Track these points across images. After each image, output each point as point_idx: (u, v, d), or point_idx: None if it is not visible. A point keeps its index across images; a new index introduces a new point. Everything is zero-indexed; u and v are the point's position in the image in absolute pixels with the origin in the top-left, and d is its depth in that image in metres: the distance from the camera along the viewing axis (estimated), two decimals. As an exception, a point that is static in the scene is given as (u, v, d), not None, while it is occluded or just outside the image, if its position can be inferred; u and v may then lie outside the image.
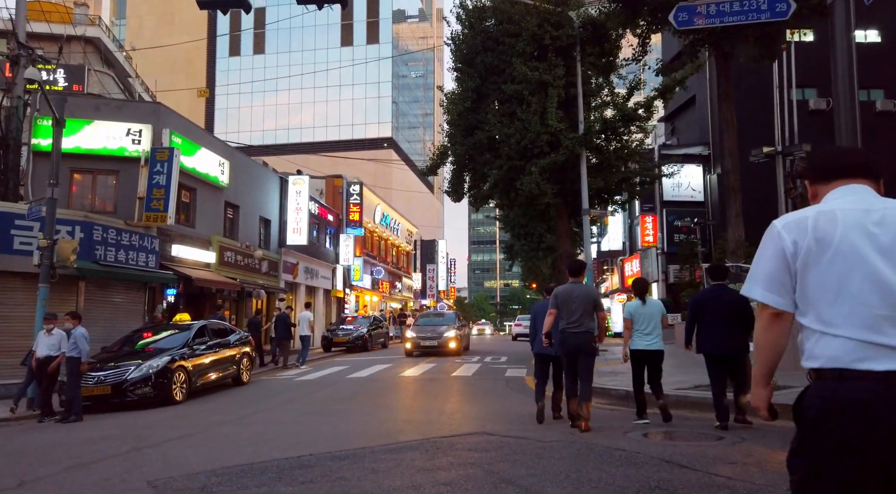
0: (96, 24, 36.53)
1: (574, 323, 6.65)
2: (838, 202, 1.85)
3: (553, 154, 16.56)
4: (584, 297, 6.74)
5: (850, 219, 1.79)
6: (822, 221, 1.80)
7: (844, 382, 1.68)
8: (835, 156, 2.00)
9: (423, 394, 10.74)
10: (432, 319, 21.71)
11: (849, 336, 1.70)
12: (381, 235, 38.74)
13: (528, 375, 13.48)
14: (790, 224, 1.85)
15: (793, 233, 1.83)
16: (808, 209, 1.89)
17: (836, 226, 1.78)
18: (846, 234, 1.76)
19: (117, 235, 14.12)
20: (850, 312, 1.72)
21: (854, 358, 1.68)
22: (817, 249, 1.78)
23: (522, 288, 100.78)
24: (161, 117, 16.12)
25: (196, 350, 11.38)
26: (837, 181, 1.91)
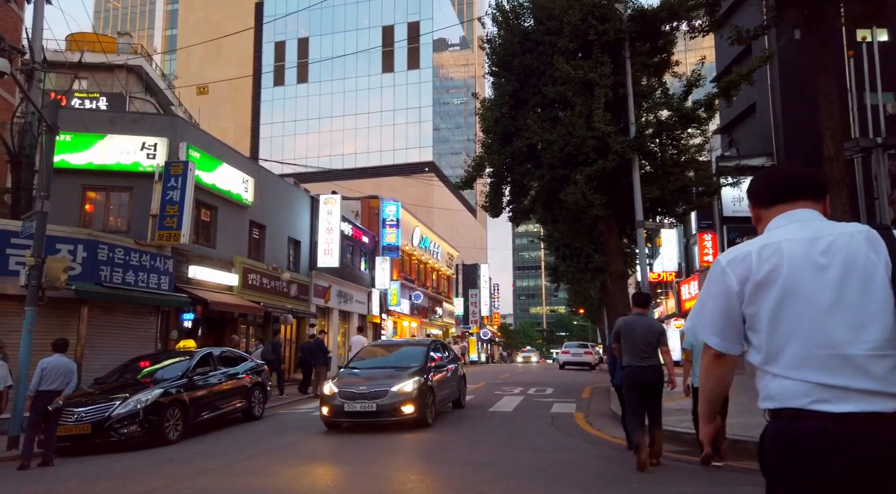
0: (138, 53, 36.95)
1: (640, 356, 6.40)
2: (782, 232, 1.75)
3: (601, 161, 14.84)
4: (648, 330, 6.51)
5: (795, 251, 1.69)
6: (767, 256, 1.71)
7: (799, 421, 1.62)
8: (776, 177, 1.88)
9: (455, 434, 9.05)
10: (378, 359, 11.27)
11: (802, 378, 1.63)
12: (420, 258, 37.37)
13: (578, 411, 11.62)
14: (735, 260, 1.76)
15: (738, 270, 1.74)
16: (751, 242, 1.77)
17: (782, 260, 1.69)
18: (793, 270, 1.67)
19: (125, 255, 13.06)
20: (803, 354, 1.64)
21: (809, 400, 1.62)
22: (764, 287, 1.69)
23: (569, 314, 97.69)
24: (178, 130, 15.20)
25: (197, 381, 10.02)
26: (781, 205, 1.82)
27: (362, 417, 9.46)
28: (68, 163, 14.21)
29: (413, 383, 9.58)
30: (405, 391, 9.44)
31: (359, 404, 9.40)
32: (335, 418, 9.64)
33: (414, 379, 9.65)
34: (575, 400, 13.70)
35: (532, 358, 53.46)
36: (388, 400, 9.31)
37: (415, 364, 10.30)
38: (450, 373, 11.43)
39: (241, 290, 17.62)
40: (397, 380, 9.59)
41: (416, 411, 9.39)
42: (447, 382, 11.13)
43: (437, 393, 10.29)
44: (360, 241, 28.08)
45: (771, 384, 1.69)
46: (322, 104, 74.41)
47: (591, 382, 19.17)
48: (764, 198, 1.86)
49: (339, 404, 9.47)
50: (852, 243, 1.66)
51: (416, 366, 10.18)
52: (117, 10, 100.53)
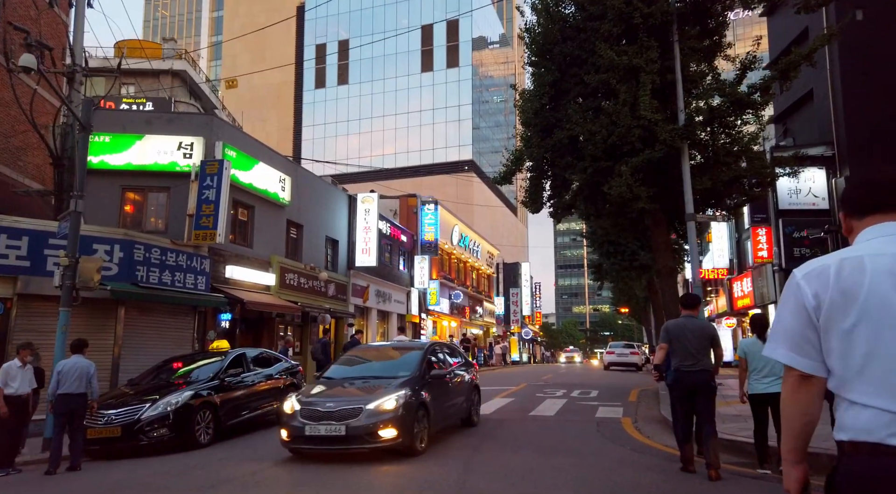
0: (182, 57, 37.63)
1: (690, 361, 6.21)
2: (867, 245, 1.62)
3: (647, 151, 14.05)
4: (699, 333, 6.31)
5: (880, 266, 1.55)
6: (847, 270, 1.58)
7: (878, 458, 1.47)
8: (868, 185, 1.72)
9: (491, 442, 8.54)
10: (362, 366, 9.26)
11: (881, 407, 1.49)
12: (460, 257, 36.90)
13: (626, 416, 10.95)
14: (811, 273, 1.64)
15: (814, 284, 1.62)
16: (832, 255, 1.64)
17: (864, 275, 1.55)
18: (875, 286, 1.53)
19: (162, 255, 13.00)
20: (883, 379, 1.50)
21: (889, 433, 1.47)
22: (842, 304, 1.57)
23: (613, 313, 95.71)
24: (214, 129, 15.13)
25: (229, 383, 9.78)
26: (872, 216, 1.68)
27: (327, 443, 7.14)
28: (107, 163, 14.29)
29: (396, 398, 7.33)
30: (385, 409, 7.18)
31: (324, 426, 7.07)
32: (295, 444, 7.35)
33: (399, 394, 7.42)
34: (622, 403, 13.00)
35: (575, 357, 52.40)
36: (361, 422, 7.04)
37: (405, 373, 8.14)
38: (456, 384, 9.32)
39: (279, 290, 17.49)
40: (376, 395, 7.41)
41: (399, 435, 7.14)
42: (451, 395, 9.01)
43: (436, 411, 8.11)
44: (399, 240, 27.79)
45: (847, 413, 1.57)
46: (362, 105, 74.90)
47: (637, 384, 18.34)
48: (856, 206, 1.73)
49: (299, 426, 7.20)
50: None
51: (405, 376, 8.01)
52: (165, 18, 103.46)
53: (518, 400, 13.72)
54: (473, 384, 10.22)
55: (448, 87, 72.78)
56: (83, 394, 7.69)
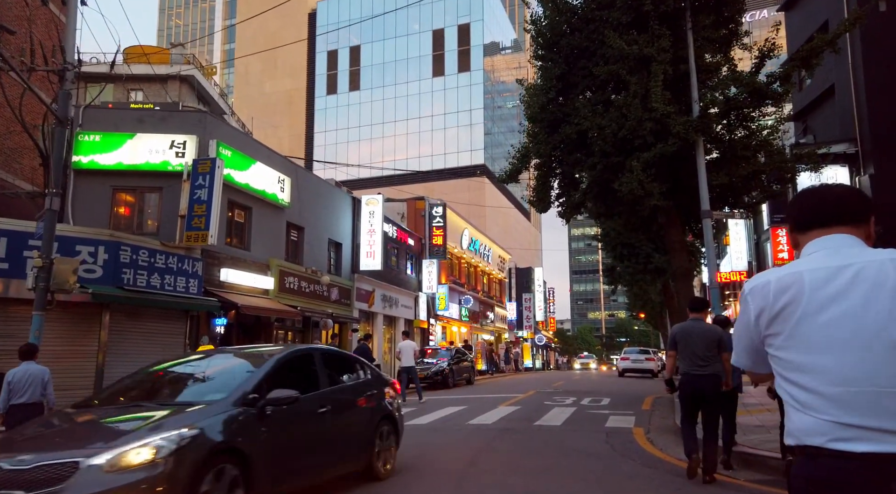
0: (190, 62, 37.46)
1: (697, 364, 6.07)
2: (808, 259, 1.66)
3: (660, 145, 13.31)
4: (706, 336, 6.14)
5: (817, 281, 1.59)
6: (785, 286, 1.62)
7: (820, 460, 1.54)
8: (811, 200, 1.76)
9: (489, 455, 7.83)
10: (158, 384, 5.66)
11: (821, 415, 1.55)
12: (470, 261, 36.20)
13: (638, 426, 10.19)
14: (755, 289, 1.70)
15: (757, 299, 1.67)
16: (774, 270, 1.69)
17: (802, 292, 1.60)
18: (811, 301, 1.58)
19: (150, 257, 12.48)
20: (821, 390, 1.55)
21: (829, 439, 1.53)
22: (780, 321, 1.62)
23: (629, 319, 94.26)
24: (208, 127, 14.63)
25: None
26: (816, 230, 1.71)
27: None
28: (97, 163, 13.84)
29: (156, 444, 3.93)
30: (120, 466, 3.82)
31: None
32: None
33: (164, 436, 3.99)
34: (634, 412, 12.21)
35: (591, 364, 51.30)
36: (78, 490, 3.74)
37: (217, 396, 4.69)
38: (337, 416, 5.79)
39: (278, 294, 16.93)
40: (121, 439, 4.02)
41: None
42: (321, 435, 5.53)
43: (273, 464, 4.77)
44: (406, 244, 27.18)
45: (792, 418, 1.62)
46: (374, 111, 74.77)
47: (652, 391, 17.49)
48: (799, 221, 1.76)
49: None
50: (881, 272, 1.55)
51: (208, 404, 4.57)
52: (179, 27, 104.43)
53: (524, 408, 12.98)
54: (383, 414, 6.66)
55: (460, 92, 72.43)
56: (38, 404, 7.10)
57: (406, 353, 15.81)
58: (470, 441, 8.93)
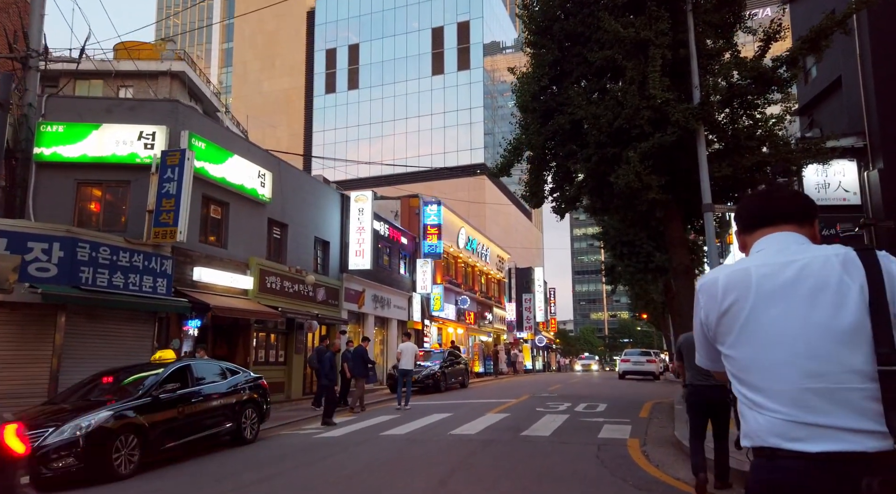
0: (182, 58, 36.71)
1: (703, 374, 5.81)
2: (756, 256, 1.67)
3: (658, 134, 12.47)
4: None
5: (763, 277, 1.59)
6: (733, 283, 1.62)
7: (777, 462, 1.52)
8: (756, 202, 1.78)
9: (463, 473, 7.00)
10: None
11: (774, 414, 1.53)
12: (467, 261, 35.34)
13: (634, 436, 9.34)
14: (704, 286, 1.71)
15: (706, 297, 1.68)
16: (722, 267, 1.70)
17: (749, 288, 1.60)
18: (759, 298, 1.58)
19: (112, 255, 11.67)
20: (772, 388, 1.54)
21: (785, 438, 1.52)
22: (728, 318, 1.62)
23: (632, 320, 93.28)
24: (180, 118, 13.83)
25: (164, 400, 8.36)
26: (761, 229, 1.73)
27: None
28: (61, 155, 13.05)
29: None
30: None
31: None
32: None
33: None
34: (630, 420, 11.35)
35: (592, 365, 50.31)
36: None
37: None
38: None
39: (258, 294, 16.12)
40: None
41: None
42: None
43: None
44: (399, 243, 26.35)
45: (747, 419, 1.61)
46: (373, 109, 74.11)
47: (652, 396, 16.63)
48: (746, 222, 1.77)
49: None
50: (826, 266, 1.55)
51: None
52: (177, 26, 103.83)
53: (513, 415, 12.13)
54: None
55: (459, 90, 71.74)
56: None
57: (406, 355, 15.15)
58: (447, 455, 8.09)
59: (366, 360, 14.75)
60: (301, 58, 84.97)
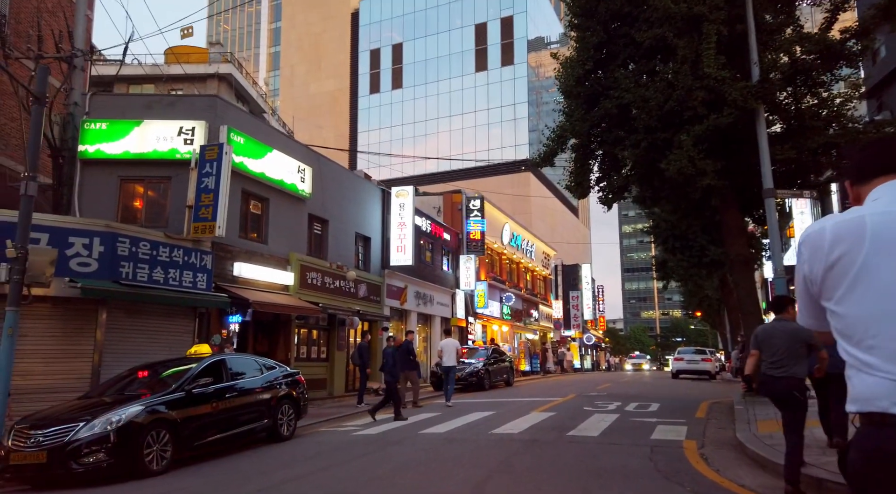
0: (228, 61, 37.34)
1: (774, 365, 5.69)
2: (872, 205, 1.53)
3: (713, 116, 11.67)
4: (790, 337, 5.70)
5: (880, 225, 1.44)
6: (843, 233, 1.48)
7: (887, 429, 1.39)
8: (876, 147, 1.65)
9: (503, 477, 6.52)
10: None
11: (887, 375, 1.41)
12: (511, 257, 34.70)
13: (690, 438, 8.65)
14: (807, 239, 1.57)
15: (809, 249, 1.55)
16: (829, 218, 1.57)
17: (862, 238, 1.45)
18: (874, 248, 1.44)
19: (152, 250, 11.66)
20: (886, 346, 1.40)
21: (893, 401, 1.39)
22: (836, 271, 1.48)
23: (685, 318, 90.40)
24: (219, 112, 13.78)
25: (198, 395, 8.17)
26: (879, 178, 1.58)
27: None
28: (104, 152, 13.17)
29: None
30: None
31: None
32: None
33: None
34: (686, 420, 10.61)
35: (643, 365, 48.72)
36: None
37: None
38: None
39: (299, 290, 15.99)
40: None
41: None
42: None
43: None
44: (441, 239, 25.97)
45: (854, 382, 1.49)
46: (416, 108, 74.14)
47: (709, 396, 15.71)
48: (861, 171, 1.63)
49: None
50: None
51: None
52: (227, 32, 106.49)
53: (559, 414, 11.54)
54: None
55: (503, 86, 71.00)
56: None
57: (448, 352, 14.90)
58: (485, 456, 7.61)
59: (412, 356, 14.52)
60: (346, 59, 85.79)
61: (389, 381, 12.23)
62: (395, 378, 12.42)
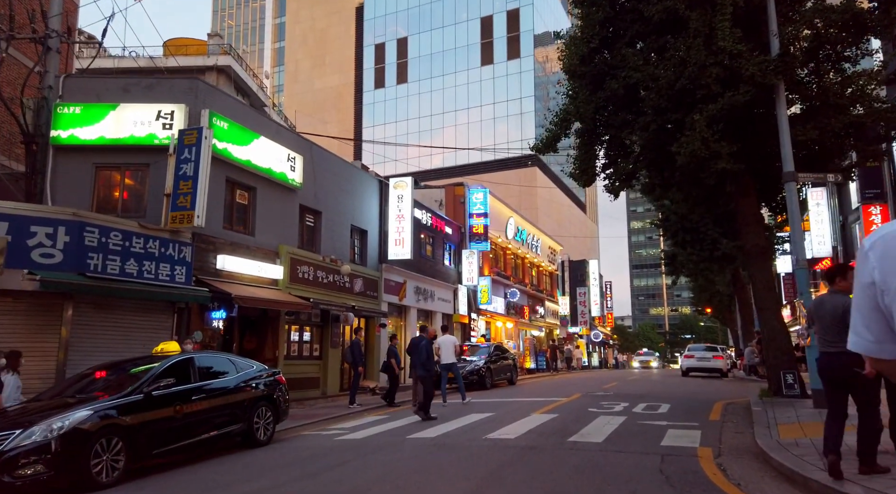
0: (227, 53, 36.65)
1: (827, 340, 5.37)
2: None
3: (728, 94, 10.76)
4: (837, 310, 5.33)
5: None
6: None
7: None
8: None
9: (495, 491, 5.68)
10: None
11: None
12: (516, 252, 33.81)
13: (705, 445, 7.79)
14: (879, 241, 1.38)
15: (880, 253, 1.35)
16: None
17: None
18: None
19: (124, 240, 10.89)
20: None
21: None
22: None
23: (694, 315, 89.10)
24: (200, 96, 12.99)
25: (156, 397, 7.38)
26: None
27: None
28: (78, 138, 12.41)
29: None
30: None
31: None
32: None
33: None
34: (699, 423, 9.73)
35: (652, 362, 47.53)
36: None
37: None
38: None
39: (289, 285, 15.21)
40: None
41: None
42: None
43: None
44: (443, 232, 25.13)
45: None
46: (422, 103, 73.40)
47: (723, 396, 14.81)
48: None
49: None
50: None
51: None
52: (231, 28, 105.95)
53: (562, 416, 10.69)
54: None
55: (509, 80, 70.12)
56: None
57: (446, 349, 14.17)
58: (475, 465, 6.78)
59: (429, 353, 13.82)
60: (351, 54, 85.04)
61: (423, 376, 11.38)
62: (430, 372, 11.56)
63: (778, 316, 12.39)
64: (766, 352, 12.49)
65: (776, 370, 11.91)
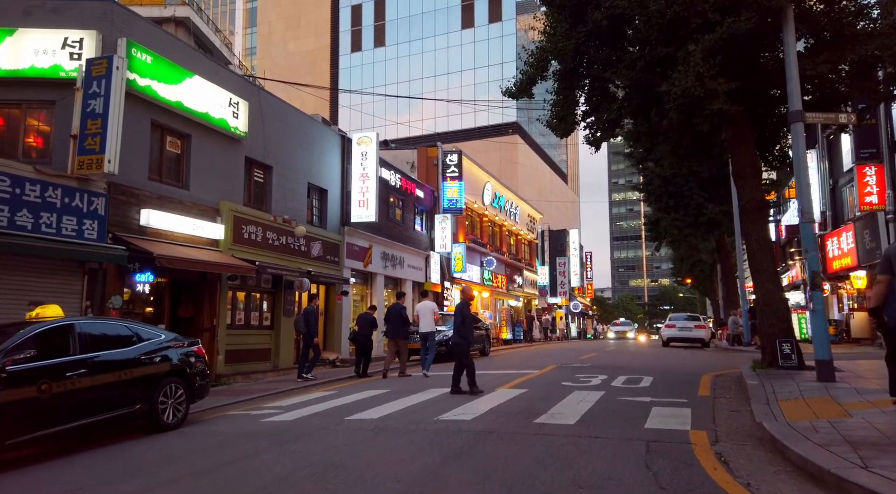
0: (186, 3, 34.17)
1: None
2: None
3: (728, 20, 9.22)
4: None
5: None
6: None
7: None
8: None
9: (437, 486, 4.26)
10: None
11: None
12: (493, 219, 32.33)
13: (697, 427, 6.45)
14: None
15: None
16: None
17: None
18: None
19: (14, 187, 9.15)
20: None
21: None
22: None
23: (674, 286, 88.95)
24: (116, 22, 11.12)
25: (12, 373, 5.81)
26: None
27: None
28: (-33, 70, 10.50)
29: None
30: None
31: None
32: None
33: None
34: (688, 400, 8.40)
35: (628, 333, 46.40)
36: None
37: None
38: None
39: (231, 246, 13.56)
40: None
41: None
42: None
43: None
44: (414, 195, 23.50)
45: None
46: (400, 68, 71.02)
47: (709, 367, 13.59)
48: None
49: None
50: None
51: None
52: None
53: (530, 392, 9.31)
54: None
55: (490, 44, 67.98)
56: None
57: (425, 316, 13.07)
58: (415, 457, 5.34)
59: (404, 321, 12.93)
60: (326, 16, 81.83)
61: (458, 343, 9.73)
62: (465, 339, 9.87)
63: (775, 278, 11.09)
64: (759, 319, 11.22)
65: (771, 338, 10.65)
